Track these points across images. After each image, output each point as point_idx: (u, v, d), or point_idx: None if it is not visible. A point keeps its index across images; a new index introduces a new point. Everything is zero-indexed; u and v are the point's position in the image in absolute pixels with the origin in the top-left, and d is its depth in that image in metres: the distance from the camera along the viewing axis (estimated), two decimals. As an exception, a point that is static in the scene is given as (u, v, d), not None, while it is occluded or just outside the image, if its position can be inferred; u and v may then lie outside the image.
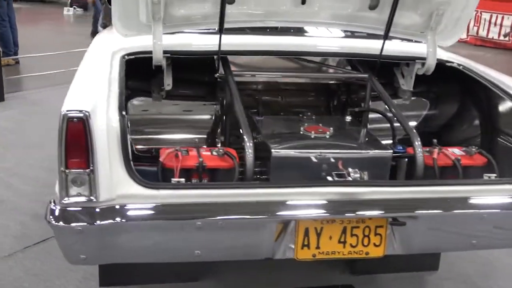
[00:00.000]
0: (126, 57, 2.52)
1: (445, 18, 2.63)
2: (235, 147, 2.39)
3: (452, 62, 2.83)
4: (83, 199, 1.93)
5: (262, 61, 3.02)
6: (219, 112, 2.90)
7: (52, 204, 1.97)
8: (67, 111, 1.89)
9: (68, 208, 1.94)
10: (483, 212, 2.15)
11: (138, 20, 2.47)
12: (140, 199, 1.97)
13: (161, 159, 2.13)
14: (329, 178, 2.18)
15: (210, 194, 2.02)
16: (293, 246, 2.12)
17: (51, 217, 1.94)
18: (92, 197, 1.93)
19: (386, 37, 2.68)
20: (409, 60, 2.82)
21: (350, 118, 2.74)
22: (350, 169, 2.19)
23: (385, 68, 2.90)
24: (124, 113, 2.03)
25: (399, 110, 2.57)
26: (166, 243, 2.03)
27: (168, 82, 2.69)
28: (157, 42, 2.46)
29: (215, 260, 2.16)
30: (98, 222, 1.92)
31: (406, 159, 2.41)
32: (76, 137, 1.89)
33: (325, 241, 2.12)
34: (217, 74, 2.74)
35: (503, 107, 2.63)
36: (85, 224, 1.92)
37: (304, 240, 2.11)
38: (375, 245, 2.16)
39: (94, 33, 10.49)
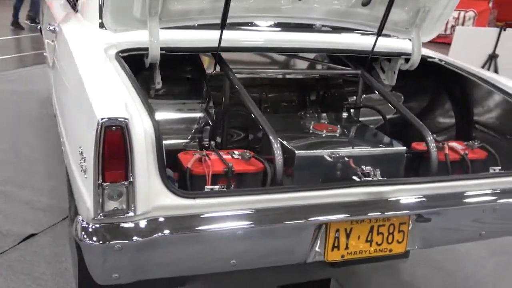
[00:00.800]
0: (120, 54, 2.35)
1: (429, 15, 2.70)
2: (236, 146, 2.31)
3: (434, 58, 2.92)
4: (120, 214, 1.79)
5: (248, 57, 2.94)
6: (212, 110, 2.78)
7: (83, 220, 1.80)
8: (104, 118, 1.72)
9: (104, 225, 1.78)
10: (497, 203, 2.25)
11: (131, 14, 2.33)
12: (176, 210, 1.86)
13: (188, 165, 2.00)
14: (355, 178, 2.17)
15: (248, 200, 1.94)
16: (323, 249, 2.09)
17: (84, 235, 1.77)
18: (129, 211, 1.79)
19: (379, 33, 2.71)
20: (395, 56, 2.87)
21: (346, 114, 2.74)
22: (369, 167, 2.20)
23: (359, 63, 2.94)
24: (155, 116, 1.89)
25: (402, 105, 2.61)
26: (203, 254, 1.94)
27: (158, 80, 2.55)
28: (154, 39, 2.32)
29: (249, 268, 2.07)
30: (137, 238, 1.79)
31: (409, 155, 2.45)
32: (115, 147, 1.74)
33: (353, 241, 2.12)
34: (213, 71, 2.63)
35: (489, 99, 2.74)
36: (125, 241, 1.78)
37: (334, 242, 2.09)
38: (398, 242, 2.19)
39: (16, 23, 9.73)
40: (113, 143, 1.73)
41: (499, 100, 2.68)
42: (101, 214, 1.77)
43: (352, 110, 2.85)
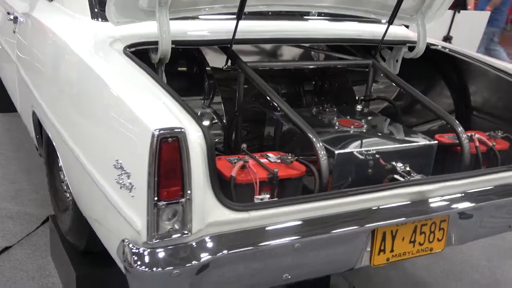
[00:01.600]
0: (128, 50, 2.13)
1: (435, 1, 2.64)
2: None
3: (437, 45, 2.87)
4: (175, 234, 1.60)
5: (249, 49, 2.77)
6: (222, 106, 2.58)
7: (131, 245, 1.59)
8: (159, 130, 1.51)
9: (159, 249, 1.59)
10: None
11: (137, 5, 2.13)
12: (230, 225, 1.70)
13: (232, 173, 1.82)
14: (398, 177, 2.08)
15: (300, 209, 1.80)
16: (370, 253, 2.00)
17: (136, 262, 1.57)
18: (185, 231, 1.61)
19: (391, 21, 2.63)
20: (402, 44, 2.80)
21: (361, 107, 2.63)
22: (406, 164, 2.13)
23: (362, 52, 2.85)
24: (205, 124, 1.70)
25: (423, 95, 2.54)
26: (258, 271, 1.79)
27: (163, 78, 2.34)
28: (164, 31, 2.12)
29: (299, 280, 1.94)
30: (195, 261, 1.61)
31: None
32: (171, 161, 1.55)
33: (398, 243, 2.04)
34: (225, 65, 2.44)
35: (495, 85, 2.74)
36: (183, 266, 1.60)
37: (381, 246, 2.00)
38: (438, 240, 2.13)
39: None
40: (170, 156, 1.54)
41: (505, 86, 2.66)
42: (156, 237, 1.57)
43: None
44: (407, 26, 2.98)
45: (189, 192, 1.57)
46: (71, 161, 2.14)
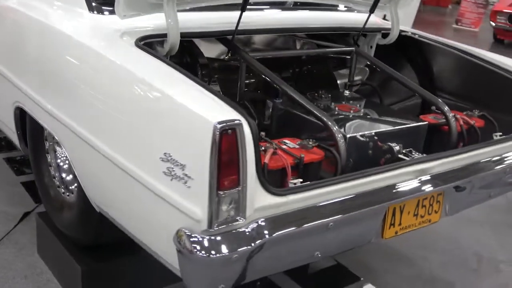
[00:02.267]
0: (139, 43, 2.16)
1: None
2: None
3: (407, 32, 3.07)
4: (231, 221, 1.69)
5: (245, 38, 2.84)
6: None
7: (189, 233, 1.66)
8: (220, 122, 1.59)
9: (220, 236, 1.67)
10: (507, 165, 2.47)
11: None
12: (273, 209, 1.80)
13: (265, 160, 1.91)
14: (403, 157, 2.25)
15: (330, 191, 1.93)
16: (382, 227, 2.16)
17: (197, 249, 1.64)
18: (239, 218, 1.70)
19: (372, 10, 2.79)
20: (377, 31, 2.97)
21: (348, 92, 2.78)
22: (399, 144, 2.30)
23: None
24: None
25: (407, 78, 2.72)
26: (296, 251, 1.91)
27: None
28: (173, 24, 2.15)
29: (328, 255, 2.07)
30: (251, 245, 1.70)
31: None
32: (230, 152, 1.63)
33: (405, 217, 2.21)
34: (227, 56, 2.51)
35: (460, 66, 2.96)
36: (241, 250, 1.68)
37: (391, 220, 2.16)
38: (435, 212, 2.32)
39: None
40: (229, 147, 1.62)
41: (468, 67, 2.90)
42: (216, 224, 1.65)
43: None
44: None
45: (243, 180, 1.66)
46: (91, 158, 2.13)
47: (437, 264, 3.23)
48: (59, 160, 2.80)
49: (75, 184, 2.69)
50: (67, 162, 2.78)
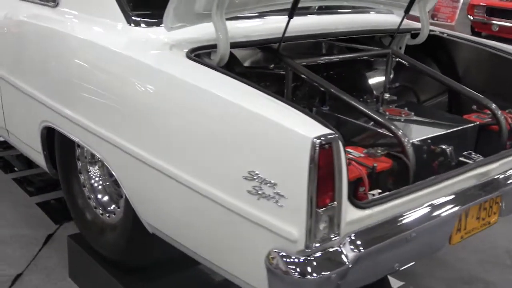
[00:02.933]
0: (190, 55, 2.10)
1: None
2: None
3: (435, 31, 3.06)
4: (327, 240, 1.64)
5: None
6: None
7: (282, 256, 1.61)
8: (318, 137, 1.53)
9: (318, 256, 1.62)
10: None
11: (192, 9, 2.11)
12: (359, 223, 1.76)
13: None
14: (466, 160, 2.23)
15: (410, 199, 1.90)
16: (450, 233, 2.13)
17: (294, 269, 1.58)
18: (333, 235, 1.65)
19: (407, 11, 2.76)
20: (408, 32, 2.95)
21: (388, 95, 2.74)
22: (450, 146, 2.27)
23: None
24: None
25: (449, 78, 2.70)
26: (380, 263, 1.87)
27: None
28: (223, 34, 2.10)
29: (403, 267, 2.02)
30: (347, 261, 1.66)
31: None
32: (328, 167, 1.58)
33: (469, 221, 2.19)
34: (273, 65, 2.46)
35: (492, 64, 2.94)
36: (339, 269, 1.64)
37: (458, 225, 2.14)
38: (494, 213, 2.31)
39: None
40: (326, 162, 1.56)
41: (499, 62, 2.88)
42: (314, 244, 1.59)
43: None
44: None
45: (339, 195, 1.61)
46: (149, 179, 2.07)
47: (473, 264, 3.24)
48: (93, 181, 2.72)
49: (113, 206, 2.66)
50: (101, 182, 2.72)
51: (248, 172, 1.66)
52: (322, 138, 1.55)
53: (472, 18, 10.61)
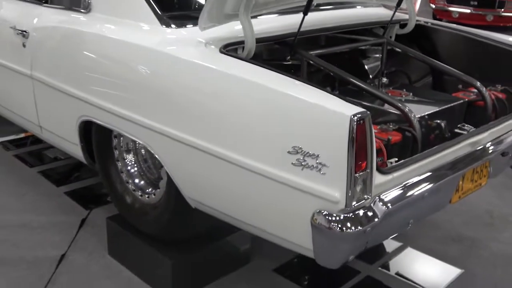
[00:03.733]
0: (223, 50, 2.28)
1: None
2: None
3: (420, 21, 3.29)
4: (362, 200, 1.86)
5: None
6: None
7: (326, 215, 1.83)
8: (354, 114, 1.75)
9: (357, 213, 1.84)
10: None
11: (222, 11, 2.27)
12: (384, 186, 1.98)
13: None
14: (460, 131, 2.48)
15: (422, 165, 2.13)
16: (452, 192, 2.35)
17: (337, 225, 1.81)
18: (366, 196, 1.87)
19: (399, 4, 2.97)
20: (397, 23, 3.17)
21: (386, 79, 2.97)
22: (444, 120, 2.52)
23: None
24: None
25: (439, 62, 2.92)
26: (399, 220, 2.09)
27: None
28: (249, 31, 2.29)
29: (417, 223, 2.25)
30: (378, 217, 1.88)
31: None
32: (362, 139, 1.79)
33: (465, 183, 2.41)
34: (289, 57, 2.65)
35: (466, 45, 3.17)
36: (372, 223, 1.86)
37: (457, 186, 2.36)
38: (484, 176, 2.53)
39: None
40: (361, 135, 1.77)
41: (477, 45, 3.10)
42: (353, 204, 1.81)
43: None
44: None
45: (370, 163, 1.83)
46: (194, 160, 2.23)
47: (459, 224, 3.47)
48: (129, 167, 2.86)
49: (150, 188, 2.81)
50: (136, 168, 2.87)
51: (292, 147, 1.87)
52: (358, 115, 1.76)
53: (433, 6, 10.88)
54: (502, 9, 10.24)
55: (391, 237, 2.16)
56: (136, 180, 2.85)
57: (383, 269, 2.97)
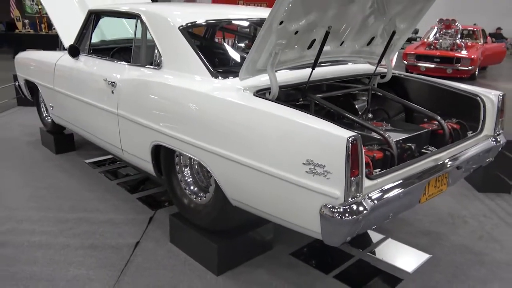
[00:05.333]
0: (256, 94, 2.46)
1: (398, 44, 3.13)
2: None
3: (395, 73, 3.45)
4: (355, 197, 1.99)
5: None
6: None
7: (330, 207, 1.97)
8: (349, 136, 1.92)
9: (351, 206, 1.97)
10: (479, 150, 2.81)
11: (255, 67, 2.44)
12: (371, 188, 2.11)
13: None
14: (425, 151, 2.59)
15: (399, 174, 2.26)
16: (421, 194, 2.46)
17: (338, 215, 1.95)
18: (358, 193, 2.01)
19: (379, 62, 3.11)
20: (378, 74, 3.31)
21: (371, 115, 3.12)
22: (414, 143, 2.65)
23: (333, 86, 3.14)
24: None
25: (409, 102, 3.04)
26: (382, 213, 2.20)
27: None
28: (274, 81, 2.45)
29: (395, 216, 2.37)
30: (368, 209, 2.01)
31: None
32: (355, 154, 1.94)
33: (430, 188, 2.52)
34: (301, 99, 2.80)
35: (428, 91, 3.27)
36: (363, 213, 1.99)
37: (425, 190, 2.48)
38: (444, 184, 2.64)
39: None
40: (354, 151, 1.93)
41: (438, 90, 3.19)
42: (349, 199, 1.96)
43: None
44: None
45: (361, 171, 1.99)
46: (236, 171, 2.34)
47: (427, 222, 3.54)
48: (186, 178, 3.01)
49: (201, 193, 2.91)
50: (191, 178, 3.00)
51: (306, 160, 2.03)
52: (352, 137, 1.93)
53: (406, 62, 11.05)
54: (459, 64, 10.39)
55: (376, 225, 2.28)
56: (192, 187, 2.97)
57: (371, 254, 3.06)
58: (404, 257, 3.01)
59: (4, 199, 3.80)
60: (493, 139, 2.92)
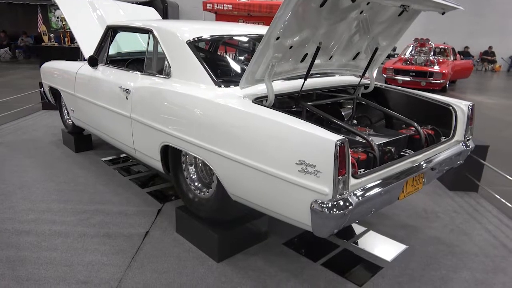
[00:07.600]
0: (254, 101, 2.43)
1: (381, 58, 3.10)
2: None
3: (377, 84, 3.43)
4: (342, 193, 1.96)
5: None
6: None
7: (320, 202, 1.93)
8: (337, 140, 1.89)
9: (338, 201, 1.94)
10: (451, 153, 2.79)
11: (254, 77, 2.40)
12: (356, 186, 2.08)
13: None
14: (404, 154, 2.56)
15: (380, 173, 2.23)
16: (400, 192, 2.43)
17: (327, 210, 1.91)
18: (345, 191, 1.98)
19: (363, 74, 3.10)
20: (362, 86, 3.28)
21: (356, 121, 3.10)
22: (393, 147, 2.62)
23: (322, 95, 3.12)
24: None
25: (389, 110, 3.03)
26: (365, 208, 2.16)
27: None
28: (271, 90, 2.41)
29: (376, 211, 2.34)
30: (353, 205, 1.97)
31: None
32: (342, 155, 1.91)
33: (408, 186, 2.48)
34: (294, 106, 2.77)
35: (406, 100, 3.24)
36: (349, 208, 1.95)
37: (403, 188, 2.45)
38: (420, 183, 2.61)
39: None
40: (341, 153, 1.90)
41: (415, 100, 3.17)
42: (337, 195, 1.93)
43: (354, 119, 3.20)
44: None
45: (347, 171, 1.95)
46: (236, 168, 2.29)
47: (404, 217, 3.51)
48: (191, 175, 2.96)
49: (204, 188, 2.86)
50: (196, 175, 2.95)
51: (299, 160, 1.99)
52: (340, 140, 1.89)
53: (385, 76, 11.05)
54: (432, 78, 10.39)
55: (360, 219, 2.25)
56: (196, 183, 2.92)
57: (354, 244, 3.02)
58: (383, 247, 2.98)
59: (29, 192, 3.75)
60: (463, 144, 2.90)
